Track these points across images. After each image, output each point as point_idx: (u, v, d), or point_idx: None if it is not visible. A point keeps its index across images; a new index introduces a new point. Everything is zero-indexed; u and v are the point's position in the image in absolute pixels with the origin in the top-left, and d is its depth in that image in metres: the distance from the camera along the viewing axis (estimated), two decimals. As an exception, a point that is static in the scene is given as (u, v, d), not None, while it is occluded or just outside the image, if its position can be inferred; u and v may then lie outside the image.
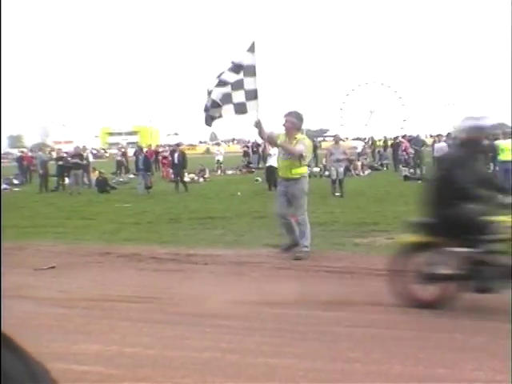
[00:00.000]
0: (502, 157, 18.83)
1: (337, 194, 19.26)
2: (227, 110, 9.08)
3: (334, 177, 19.72)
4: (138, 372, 4.68)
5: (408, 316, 5.95)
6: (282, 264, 8.81)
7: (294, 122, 9.29)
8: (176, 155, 24.34)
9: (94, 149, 76.64)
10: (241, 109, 9.05)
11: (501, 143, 19.17)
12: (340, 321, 5.88)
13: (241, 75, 8.98)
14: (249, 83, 8.93)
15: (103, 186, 25.05)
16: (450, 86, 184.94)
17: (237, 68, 9.00)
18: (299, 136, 9.46)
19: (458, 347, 5.01)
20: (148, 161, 25.04)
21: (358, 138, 49.93)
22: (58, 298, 7.25)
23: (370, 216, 13.66)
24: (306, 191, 9.52)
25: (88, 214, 16.68)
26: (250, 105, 9.03)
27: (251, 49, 9.11)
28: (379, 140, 48.54)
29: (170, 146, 43.01)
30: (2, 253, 9.11)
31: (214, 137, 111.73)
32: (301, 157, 9.17)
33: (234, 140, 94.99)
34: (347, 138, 74.13)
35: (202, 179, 29.60)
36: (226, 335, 5.54)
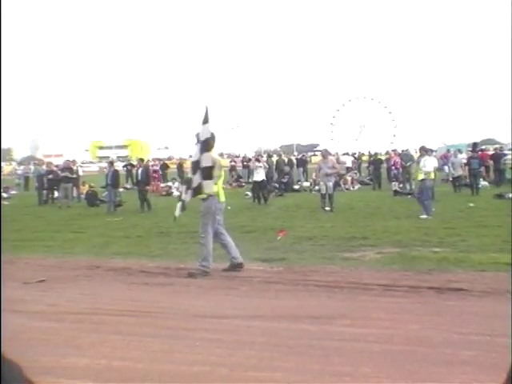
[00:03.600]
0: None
1: (326, 208, 19.28)
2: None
3: (324, 191, 19.75)
4: (127, 386, 4.67)
5: (397, 330, 5.97)
6: (272, 278, 8.82)
7: (211, 144, 9.56)
8: (140, 171, 23.15)
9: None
10: (196, 190, 9.53)
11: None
12: (330, 335, 5.89)
13: (197, 155, 9.60)
14: (205, 160, 9.40)
15: (93, 199, 24.98)
16: (440, 101, 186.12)
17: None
18: (217, 157, 9.82)
19: (447, 361, 5.03)
20: (116, 175, 23.42)
21: (346, 153, 50.20)
22: (48, 311, 7.23)
23: (359, 230, 13.71)
24: (212, 211, 9.48)
25: (77, 227, 16.65)
26: (205, 184, 9.35)
27: (205, 120, 9.48)
28: (367, 155, 48.66)
29: (159, 159, 42.97)
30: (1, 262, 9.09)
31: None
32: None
33: (222, 154, 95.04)
34: (337, 153, 74.33)
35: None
36: (215, 349, 5.54)
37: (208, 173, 9.35)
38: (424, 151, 18.33)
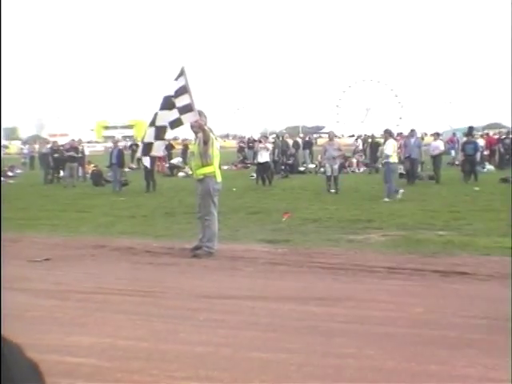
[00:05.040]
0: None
1: (332, 190, 19.27)
2: (165, 131, 9.60)
3: (329, 173, 19.74)
4: (131, 365, 4.68)
5: (401, 313, 5.97)
6: (277, 259, 8.82)
7: (203, 121, 9.45)
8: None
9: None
10: (176, 123, 9.39)
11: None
12: (333, 316, 5.89)
13: (171, 99, 9.34)
14: (180, 101, 9.23)
15: (98, 179, 25.02)
16: (447, 84, 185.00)
17: (168, 97, 9.39)
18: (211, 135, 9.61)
19: (451, 344, 5.02)
20: (121, 155, 23.65)
21: (351, 136, 49.94)
22: (53, 289, 7.25)
23: (364, 213, 13.70)
24: (210, 192, 9.38)
25: (83, 206, 16.67)
26: (184, 117, 9.28)
27: (180, 74, 9.32)
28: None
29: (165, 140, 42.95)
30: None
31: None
32: (205, 156, 9.33)
33: (228, 135, 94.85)
34: (343, 135, 74.20)
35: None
36: (219, 329, 5.55)
37: (161, 133, 9.40)
38: (388, 134, 18.39)
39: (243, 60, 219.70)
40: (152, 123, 9.53)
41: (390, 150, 17.51)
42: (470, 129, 25.89)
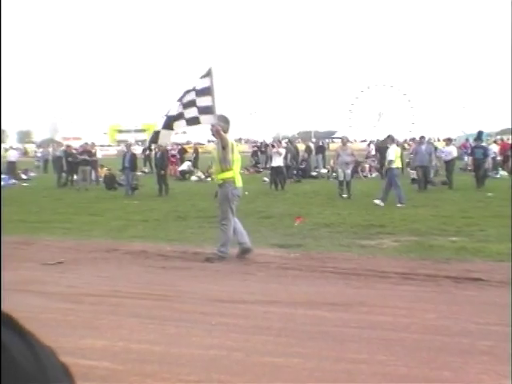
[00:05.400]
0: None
1: (344, 195, 19.24)
2: (178, 125, 9.77)
3: (342, 178, 19.71)
4: (144, 368, 4.71)
5: (414, 319, 5.96)
6: (289, 264, 8.83)
7: (223, 126, 9.36)
8: (158, 155, 23.50)
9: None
10: (193, 121, 9.58)
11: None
12: (346, 322, 5.89)
13: (193, 96, 9.51)
14: (201, 101, 9.41)
15: (111, 182, 25.10)
16: (460, 89, 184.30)
17: (189, 92, 9.60)
18: (230, 140, 9.53)
19: (464, 350, 5.01)
20: (134, 159, 23.76)
21: (363, 141, 49.87)
22: (66, 293, 7.29)
23: (376, 218, 13.67)
24: (228, 197, 9.32)
25: (95, 210, 16.73)
26: (203, 118, 9.47)
27: (206, 74, 9.51)
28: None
29: (177, 144, 42.93)
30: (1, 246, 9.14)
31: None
32: (224, 161, 9.28)
33: (241, 139, 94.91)
34: (355, 140, 74.09)
35: (209, 178, 29.75)
36: (232, 333, 5.56)
37: (170, 123, 9.54)
38: (391, 140, 18.42)
39: (257, 65, 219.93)
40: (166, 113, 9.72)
41: (393, 155, 17.53)
42: (480, 133, 25.60)
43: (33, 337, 0.75)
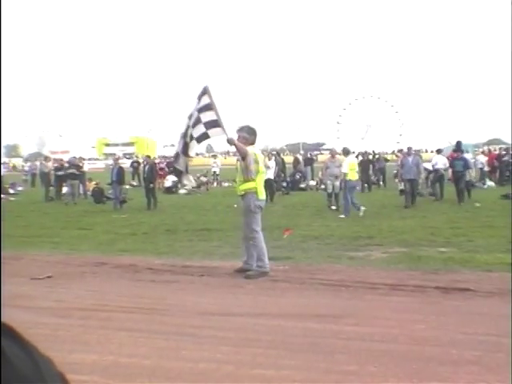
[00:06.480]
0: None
1: (333, 207, 19.29)
2: (192, 147, 10.00)
3: (330, 190, 19.76)
4: (134, 382, 4.70)
5: (403, 330, 5.97)
6: (278, 276, 8.83)
7: (246, 137, 9.30)
8: (146, 168, 23.42)
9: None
10: (203, 137, 9.82)
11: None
12: (335, 333, 5.90)
13: (196, 115, 9.69)
14: (206, 117, 9.58)
15: (99, 196, 25.03)
16: (447, 101, 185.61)
17: (192, 115, 9.78)
18: (251, 150, 9.31)
19: (453, 361, 5.03)
20: (121, 172, 23.52)
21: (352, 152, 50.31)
22: (55, 307, 7.25)
23: (365, 230, 13.72)
24: (251, 208, 9.13)
25: (84, 224, 16.69)
26: (211, 132, 9.62)
27: (204, 93, 9.66)
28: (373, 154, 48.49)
29: (166, 157, 42.91)
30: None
31: (210, 149, 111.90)
32: (246, 171, 9.20)
33: (228, 152, 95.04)
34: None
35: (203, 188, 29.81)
36: (221, 346, 5.55)
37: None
38: (345, 153, 18.65)
39: (244, 77, 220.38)
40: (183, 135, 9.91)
41: (347, 168, 17.81)
42: (458, 143, 23.28)
43: (32, 346, 0.78)
